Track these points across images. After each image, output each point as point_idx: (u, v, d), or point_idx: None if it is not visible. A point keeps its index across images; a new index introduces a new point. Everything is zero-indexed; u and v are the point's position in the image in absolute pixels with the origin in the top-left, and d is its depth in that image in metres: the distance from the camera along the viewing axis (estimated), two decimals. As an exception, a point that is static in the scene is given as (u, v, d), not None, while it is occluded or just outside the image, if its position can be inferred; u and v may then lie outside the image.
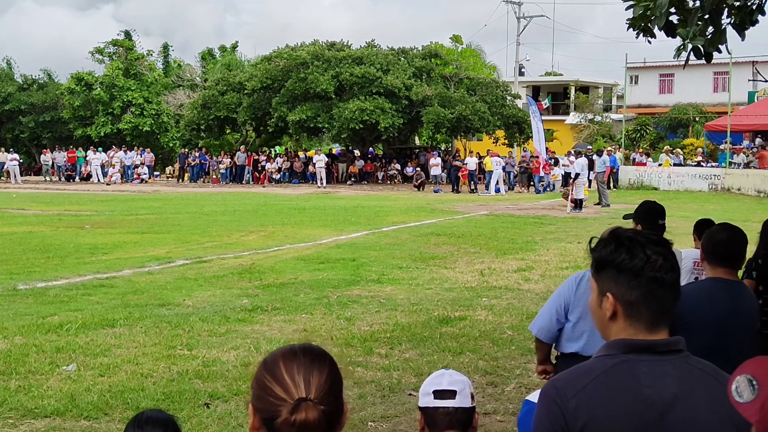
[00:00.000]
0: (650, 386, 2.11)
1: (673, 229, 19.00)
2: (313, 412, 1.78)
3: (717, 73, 52.23)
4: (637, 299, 2.18)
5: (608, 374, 2.14)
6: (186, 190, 39.11)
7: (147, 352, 8.38)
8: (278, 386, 1.81)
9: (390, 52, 47.07)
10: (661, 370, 2.13)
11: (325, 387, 1.83)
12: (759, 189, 34.07)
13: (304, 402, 1.78)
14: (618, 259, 2.21)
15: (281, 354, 1.90)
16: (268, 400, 1.82)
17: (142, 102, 51.61)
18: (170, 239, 17.90)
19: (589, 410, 2.10)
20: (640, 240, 2.22)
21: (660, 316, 2.20)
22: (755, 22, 6.45)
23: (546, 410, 2.17)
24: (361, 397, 6.99)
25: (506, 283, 12.66)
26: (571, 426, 2.11)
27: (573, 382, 2.16)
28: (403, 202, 30.13)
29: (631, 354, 2.15)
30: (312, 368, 1.84)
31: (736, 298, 4.06)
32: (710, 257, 4.20)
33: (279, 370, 1.84)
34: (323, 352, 1.92)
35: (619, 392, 2.11)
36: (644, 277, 2.17)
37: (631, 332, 2.19)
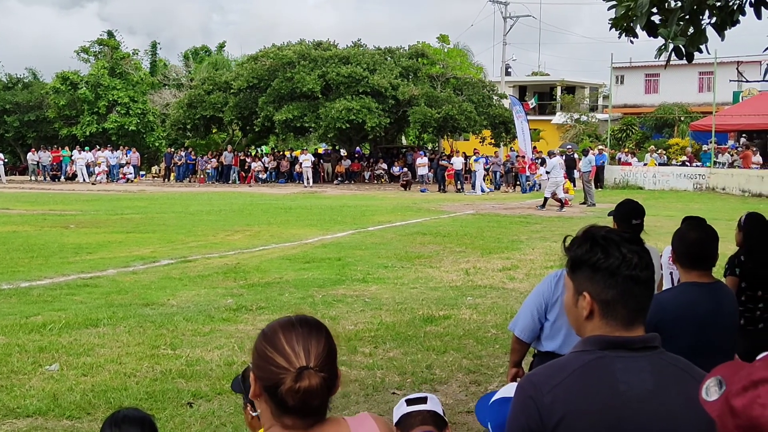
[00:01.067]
0: (626, 382, 2.12)
1: (658, 228, 19.12)
2: (315, 379, 1.89)
3: (702, 74, 52.48)
4: (614, 298, 2.19)
5: (584, 369, 2.15)
6: (172, 189, 39.00)
7: (130, 352, 8.36)
8: (280, 356, 1.92)
9: (376, 52, 47.09)
10: (636, 366, 2.14)
11: (323, 355, 1.94)
12: (743, 188, 34.27)
13: (306, 370, 1.88)
14: (593, 258, 2.21)
15: (279, 325, 2.00)
16: (270, 370, 1.92)
17: (128, 101, 51.46)
18: (155, 239, 17.85)
19: (565, 405, 2.11)
20: (614, 239, 2.23)
21: (636, 314, 2.21)
22: (736, 23, 6.48)
23: (521, 406, 2.18)
24: (344, 396, 6.99)
25: (491, 282, 12.68)
26: (546, 421, 2.12)
27: (549, 377, 2.17)
28: (389, 202, 30.14)
29: (608, 350, 2.17)
30: (310, 338, 1.95)
31: (713, 301, 4.00)
32: (683, 259, 4.09)
33: (279, 340, 1.94)
34: (319, 323, 2.03)
35: (595, 387, 2.12)
36: (620, 275, 2.18)
37: (608, 329, 2.20)
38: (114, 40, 55.36)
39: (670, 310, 4.00)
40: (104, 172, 45.37)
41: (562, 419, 2.10)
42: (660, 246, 12.79)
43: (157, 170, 52.13)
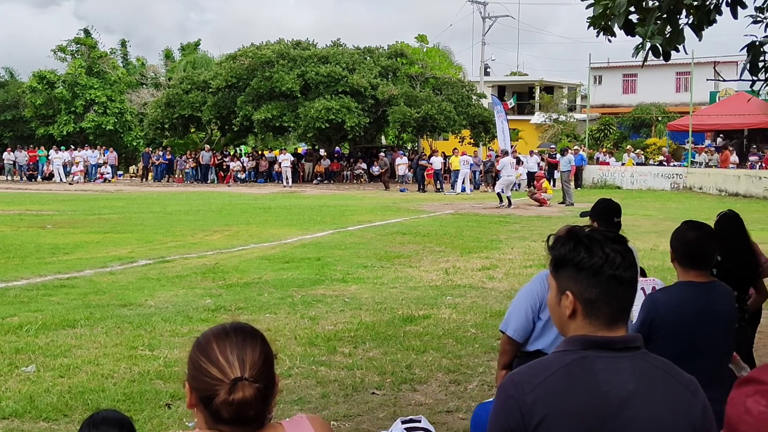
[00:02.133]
0: (607, 382, 2.11)
1: (636, 227, 19.26)
2: (249, 390, 1.85)
3: (679, 74, 52.87)
4: (597, 297, 2.19)
5: (566, 369, 2.14)
6: (150, 189, 38.80)
7: (108, 353, 8.29)
8: (213, 367, 1.87)
9: (356, 52, 47.08)
10: (618, 367, 2.14)
11: (258, 364, 1.90)
12: (720, 188, 34.55)
13: (240, 381, 1.85)
14: (577, 257, 2.21)
15: (213, 334, 1.96)
16: (205, 381, 1.88)
17: (105, 100, 51.15)
18: (133, 239, 17.73)
19: (547, 405, 2.10)
20: (598, 238, 2.23)
21: (619, 314, 2.21)
22: (713, 22, 6.52)
23: (502, 406, 2.17)
24: (323, 397, 6.98)
25: (470, 282, 12.70)
26: (527, 421, 2.11)
27: (531, 376, 2.17)
28: (369, 202, 30.13)
29: (590, 350, 2.16)
30: (245, 347, 1.91)
31: (710, 300, 4.02)
32: (681, 259, 4.10)
33: (213, 351, 1.90)
34: (254, 330, 1.99)
35: (577, 387, 2.11)
36: (603, 275, 2.18)
37: (591, 329, 2.20)
38: (91, 38, 55.00)
39: (666, 309, 4.03)
40: (81, 172, 45.05)
41: (543, 419, 2.09)
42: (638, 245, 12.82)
43: (134, 170, 51.84)
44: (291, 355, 8.17)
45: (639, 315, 4.20)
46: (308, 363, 7.97)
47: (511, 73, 70.28)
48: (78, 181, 43.78)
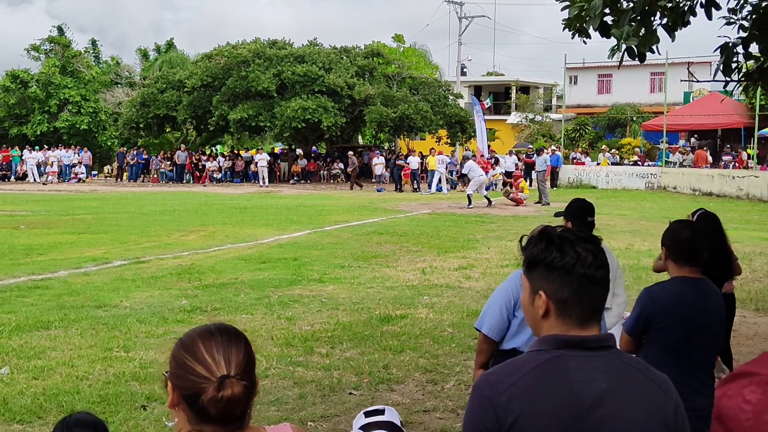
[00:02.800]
0: (580, 381, 2.12)
1: (611, 226, 19.39)
2: (238, 388, 1.88)
3: (654, 74, 53.25)
4: (569, 296, 2.20)
5: (540, 369, 2.15)
6: (124, 189, 38.54)
7: (83, 355, 8.24)
8: (200, 365, 1.89)
9: (332, 51, 47.03)
10: (591, 366, 2.15)
11: (243, 363, 1.93)
12: (694, 187, 34.84)
13: (227, 379, 1.87)
14: (549, 257, 2.22)
15: (198, 334, 1.98)
16: (191, 379, 1.89)
17: (80, 100, 50.74)
18: (107, 239, 17.61)
19: (521, 404, 2.11)
20: (570, 238, 2.24)
21: (591, 313, 2.22)
22: (687, 24, 6.58)
23: (477, 405, 2.18)
24: (301, 397, 6.97)
25: (447, 281, 12.73)
26: (502, 420, 2.12)
27: (505, 376, 2.18)
28: (345, 201, 30.10)
29: (563, 349, 2.18)
30: (230, 346, 1.94)
31: (702, 296, 4.12)
32: (676, 256, 4.20)
33: (199, 349, 1.92)
34: (237, 331, 2.02)
35: (550, 387, 2.12)
36: (575, 274, 2.19)
37: (563, 328, 2.21)
38: (65, 37, 54.55)
39: (662, 302, 4.11)
40: (55, 173, 44.66)
41: (517, 418, 2.10)
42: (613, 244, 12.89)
43: (109, 170, 51.46)
44: (268, 356, 8.15)
45: (635, 308, 4.26)
46: (285, 364, 7.96)
47: (488, 73, 70.48)
48: (52, 181, 43.40)
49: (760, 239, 18.46)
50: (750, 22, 7.03)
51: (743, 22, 7.04)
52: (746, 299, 11.35)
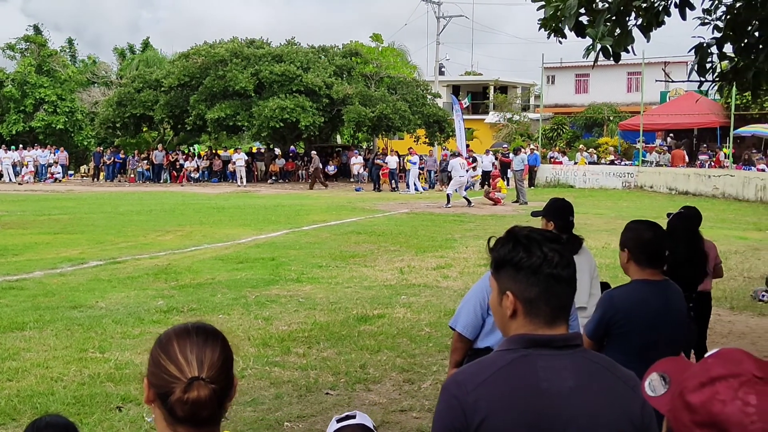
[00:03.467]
0: (547, 380, 2.13)
1: (588, 225, 19.47)
2: (204, 391, 1.86)
3: (630, 74, 53.56)
4: (537, 296, 2.21)
5: (508, 368, 2.16)
6: (101, 189, 38.27)
7: (57, 356, 8.19)
8: (172, 365, 1.89)
9: (310, 50, 46.91)
10: (558, 365, 2.16)
11: (217, 365, 1.91)
12: (670, 186, 35.08)
13: (196, 381, 1.86)
14: (516, 257, 2.24)
15: (175, 333, 1.97)
16: (163, 378, 1.89)
17: (56, 99, 50.36)
18: (84, 240, 17.48)
19: (489, 404, 2.12)
20: (536, 238, 2.25)
21: (558, 312, 2.23)
22: (661, 24, 6.61)
23: (445, 405, 2.19)
24: (277, 398, 6.95)
25: (425, 281, 12.74)
26: (470, 420, 2.12)
27: (474, 375, 2.19)
28: (324, 201, 30.05)
29: (531, 348, 2.18)
30: (205, 347, 1.93)
31: (664, 298, 4.10)
32: (639, 258, 4.14)
33: (173, 348, 1.92)
34: (216, 331, 2.00)
35: (518, 386, 2.13)
36: (542, 274, 2.20)
37: (531, 328, 2.22)
38: (41, 36, 54.10)
39: (623, 306, 4.08)
40: (31, 173, 44.28)
41: (485, 418, 2.11)
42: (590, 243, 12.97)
43: (86, 170, 51.05)
44: (244, 356, 8.12)
45: (596, 312, 4.24)
46: (262, 364, 7.93)
47: (466, 72, 70.55)
48: (28, 181, 43.03)
49: (735, 238, 18.61)
50: (724, 22, 7.08)
51: (718, 22, 7.08)
52: (721, 297, 11.44)
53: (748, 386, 1.46)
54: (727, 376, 1.49)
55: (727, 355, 1.54)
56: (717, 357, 1.55)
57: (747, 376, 1.47)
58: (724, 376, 1.49)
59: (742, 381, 1.47)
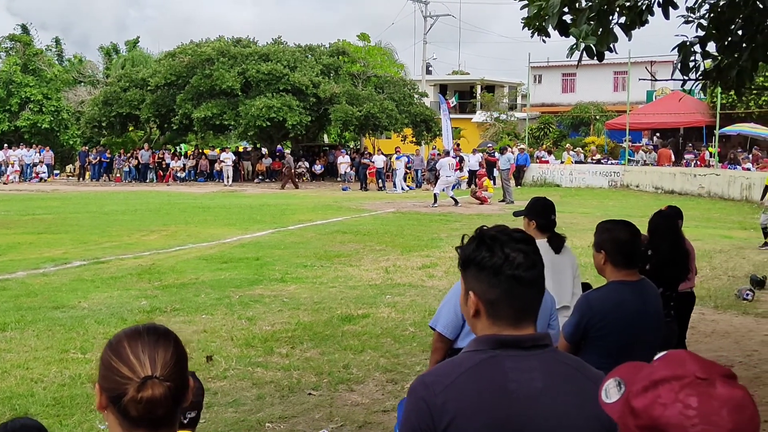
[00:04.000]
0: (515, 381, 2.11)
1: (574, 224, 19.47)
2: (159, 389, 1.83)
3: (617, 73, 53.72)
4: (498, 297, 2.19)
5: (476, 369, 2.13)
6: (87, 189, 38.07)
7: (38, 357, 8.12)
8: (124, 366, 1.85)
9: (297, 49, 46.83)
10: (527, 365, 2.14)
11: (170, 364, 1.88)
12: (656, 185, 35.18)
13: (149, 380, 1.83)
14: (479, 257, 2.22)
15: (125, 334, 1.94)
16: (115, 380, 1.86)
17: (41, 98, 50.07)
18: (67, 240, 17.37)
19: (456, 405, 2.09)
20: (501, 238, 2.22)
21: (522, 314, 2.20)
22: (645, 23, 6.60)
23: (413, 407, 2.16)
24: (259, 398, 6.90)
25: (410, 280, 12.71)
26: (437, 422, 2.10)
27: (441, 377, 2.16)
28: (310, 200, 30.00)
29: (499, 349, 2.16)
30: (157, 347, 1.89)
31: (640, 299, 4.07)
32: (616, 259, 4.10)
33: (124, 350, 1.88)
34: (167, 331, 1.97)
35: (486, 387, 2.11)
36: (503, 275, 2.18)
37: (496, 329, 2.20)
38: (27, 35, 53.79)
39: (600, 309, 4.05)
40: (16, 172, 44.02)
41: (452, 420, 2.09)
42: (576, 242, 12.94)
43: (71, 169, 50.80)
44: (227, 357, 8.08)
45: (572, 315, 4.21)
46: (244, 364, 7.88)
47: (453, 72, 70.62)
48: (13, 181, 42.78)
49: (720, 237, 18.66)
50: (708, 20, 7.08)
51: (701, 20, 7.08)
52: (705, 296, 11.45)
53: (689, 388, 1.44)
54: (669, 378, 1.46)
55: (671, 357, 1.52)
56: (662, 360, 1.53)
57: (689, 378, 1.45)
58: (666, 379, 1.46)
59: (683, 383, 1.45)
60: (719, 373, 1.46)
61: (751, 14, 6.92)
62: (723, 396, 1.43)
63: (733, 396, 1.43)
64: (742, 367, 8.15)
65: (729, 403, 1.42)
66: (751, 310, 10.99)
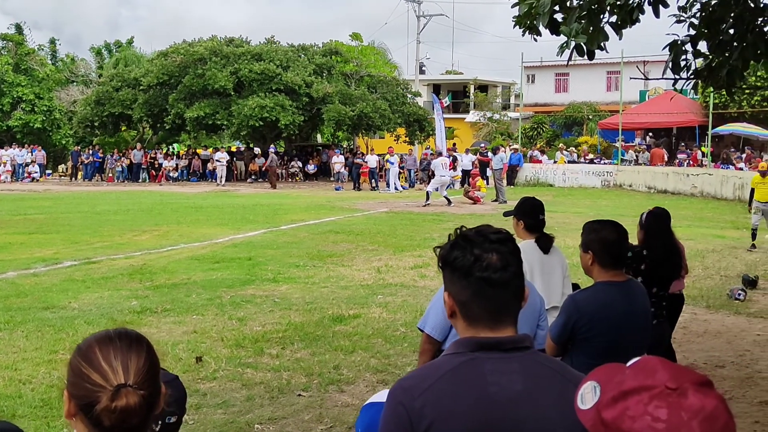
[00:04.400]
0: (495, 383, 2.08)
1: (567, 224, 19.46)
2: (134, 397, 1.78)
3: (610, 73, 53.76)
4: (469, 299, 2.17)
5: (455, 372, 2.11)
6: (79, 188, 37.93)
7: (27, 357, 8.07)
8: (96, 373, 1.79)
9: (290, 49, 46.75)
10: (507, 368, 2.11)
11: (143, 371, 1.82)
12: (649, 185, 35.22)
13: (123, 388, 1.77)
14: (451, 257, 2.21)
15: (96, 340, 1.87)
16: (86, 387, 1.79)
17: (33, 98, 49.90)
18: (59, 240, 17.30)
19: (435, 409, 2.07)
20: (475, 239, 2.20)
21: (497, 315, 2.17)
22: (636, 21, 6.58)
23: (392, 412, 2.13)
24: (248, 399, 6.86)
25: (402, 280, 12.68)
26: (416, 426, 2.07)
27: (420, 380, 2.13)
28: (303, 200, 29.95)
29: (478, 352, 2.13)
30: (130, 353, 1.83)
31: (627, 300, 4.06)
32: (603, 259, 4.09)
33: (95, 356, 1.82)
34: (140, 337, 1.92)
35: (465, 390, 2.08)
36: (473, 277, 2.15)
37: (473, 331, 2.18)
38: (19, 35, 53.58)
39: (587, 310, 4.03)
40: (8, 172, 43.87)
41: (431, 424, 2.06)
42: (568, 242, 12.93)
43: (63, 169, 50.65)
44: (216, 358, 8.03)
45: (559, 316, 4.19)
46: (234, 365, 7.84)
47: (446, 71, 70.61)
48: (5, 181, 42.64)
49: (713, 236, 18.67)
50: (699, 19, 7.07)
51: (693, 19, 7.07)
52: (698, 296, 11.45)
53: (659, 399, 1.40)
54: (638, 389, 1.42)
55: (642, 366, 1.48)
56: (633, 368, 1.49)
57: (659, 389, 1.41)
58: (635, 390, 1.43)
59: (653, 394, 1.41)
60: (692, 382, 1.43)
61: (741, 13, 6.90)
62: (693, 407, 1.39)
63: (704, 406, 1.39)
64: (734, 367, 8.13)
65: (699, 414, 1.38)
66: (743, 310, 10.98)
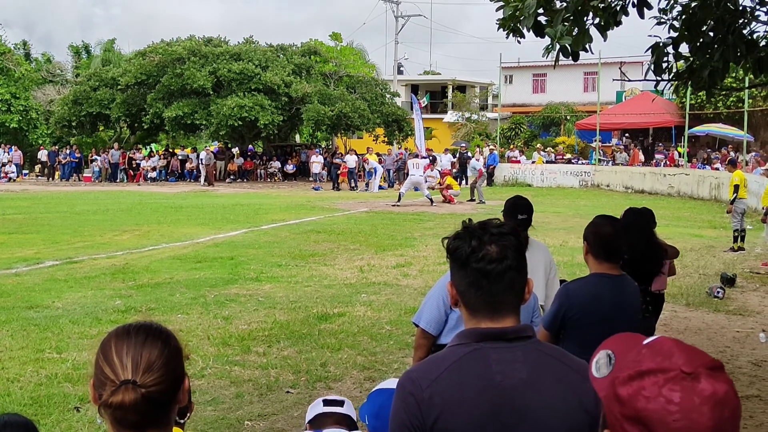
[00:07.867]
0: (500, 372, 2.15)
1: (546, 224, 19.62)
2: (129, 395, 1.78)
3: (587, 74, 54.06)
4: (466, 289, 2.24)
5: (461, 362, 2.17)
6: (57, 188, 37.68)
7: (14, 356, 8.07)
8: (108, 367, 1.82)
9: (269, 49, 46.68)
10: (511, 357, 2.18)
11: (156, 365, 1.83)
12: (626, 185, 35.51)
13: (125, 384, 1.78)
14: (452, 248, 2.28)
15: (116, 333, 1.91)
16: (100, 379, 1.83)
17: (9, 98, 49.54)
18: (39, 240, 17.22)
19: (443, 399, 2.13)
20: (475, 231, 2.26)
21: (496, 306, 2.23)
22: (619, 23, 6.69)
23: (402, 403, 2.19)
24: (237, 397, 6.91)
25: (385, 279, 12.75)
26: (426, 416, 2.14)
27: (427, 372, 2.19)
28: (283, 200, 29.94)
29: (483, 342, 2.20)
30: (143, 348, 1.84)
31: (619, 293, 4.16)
32: (598, 252, 4.20)
33: (110, 350, 1.85)
34: (159, 330, 1.92)
35: (471, 380, 2.15)
36: (470, 267, 2.22)
37: (475, 321, 2.25)
38: (-5, 34, 53.18)
39: (578, 300, 4.13)
40: (-13, 172, 43.53)
41: (441, 413, 2.13)
42: (548, 241, 13.04)
43: (40, 169, 50.28)
44: (204, 356, 8.07)
45: (553, 304, 4.29)
46: (222, 363, 7.88)
47: (425, 72, 70.78)
48: (-19, 181, 42.30)
49: (690, 235, 18.89)
50: (680, 22, 7.18)
51: (674, 22, 7.18)
52: (677, 294, 11.61)
53: (673, 383, 1.46)
54: (654, 370, 1.48)
55: (659, 347, 1.53)
56: (650, 348, 1.55)
57: (675, 372, 1.47)
58: (652, 371, 1.48)
59: (668, 377, 1.47)
60: (705, 366, 1.49)
61: (722, 15, 7.02)
62: (706, 392, 1.45)
63: (715, 392, 1.45)
64: (713, 362, 8.26)
65: (711, 399, 1.44)
66: (723, 308, 11.16)
